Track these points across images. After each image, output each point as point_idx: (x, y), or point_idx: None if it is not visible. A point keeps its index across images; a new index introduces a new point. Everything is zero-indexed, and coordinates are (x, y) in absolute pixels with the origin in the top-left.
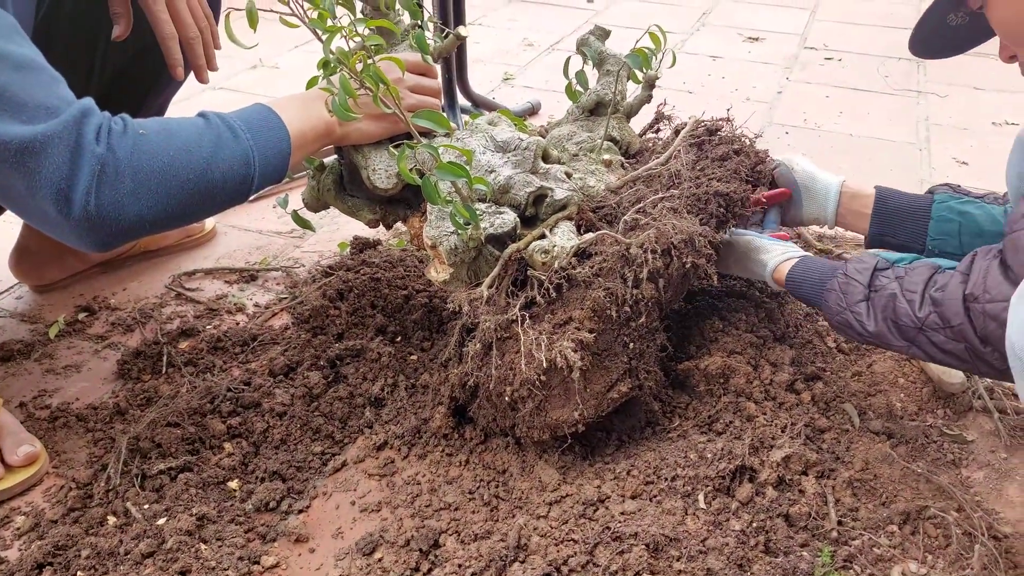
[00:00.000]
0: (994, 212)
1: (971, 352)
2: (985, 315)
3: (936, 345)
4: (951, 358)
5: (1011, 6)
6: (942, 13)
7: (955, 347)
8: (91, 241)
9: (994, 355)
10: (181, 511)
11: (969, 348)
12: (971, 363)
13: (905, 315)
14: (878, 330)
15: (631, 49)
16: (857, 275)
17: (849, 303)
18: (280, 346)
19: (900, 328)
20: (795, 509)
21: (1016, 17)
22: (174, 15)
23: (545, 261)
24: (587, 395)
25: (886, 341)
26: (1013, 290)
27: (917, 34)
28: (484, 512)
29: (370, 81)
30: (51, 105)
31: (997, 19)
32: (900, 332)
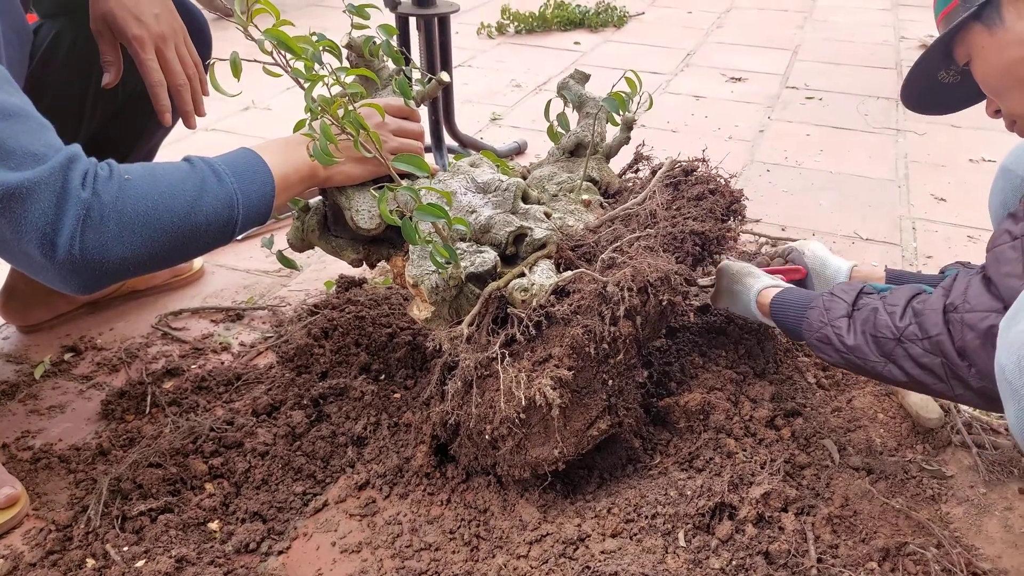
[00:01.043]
0: None
1: (947, 368)
2: (963, 324)
3: (913, 358)
4: (927, 375)
5: (989, 60)
6: (932, 70)
7: (931, 361)
8: (75, 284)
9: (970, 371)
10: (160, 553)
11: (946, 363)
12: (946, 382)
13: (885, 327)
14: (856, 344)
15: (608, 93)
16: (843, 294)
17: (830, 318)
18: (264, 385)
19: (878, 342)
20: (775, 546)
21: (995, 71)
22: (163, 63)
23: (524, 299)
24: (567, 433)
25: (863, 356)
26: (993, 302)
27: (909, 90)
28: (464, 552)
29: (351, 127)
30: (38, 152)
31: (978, 73)
32: (878, 346)
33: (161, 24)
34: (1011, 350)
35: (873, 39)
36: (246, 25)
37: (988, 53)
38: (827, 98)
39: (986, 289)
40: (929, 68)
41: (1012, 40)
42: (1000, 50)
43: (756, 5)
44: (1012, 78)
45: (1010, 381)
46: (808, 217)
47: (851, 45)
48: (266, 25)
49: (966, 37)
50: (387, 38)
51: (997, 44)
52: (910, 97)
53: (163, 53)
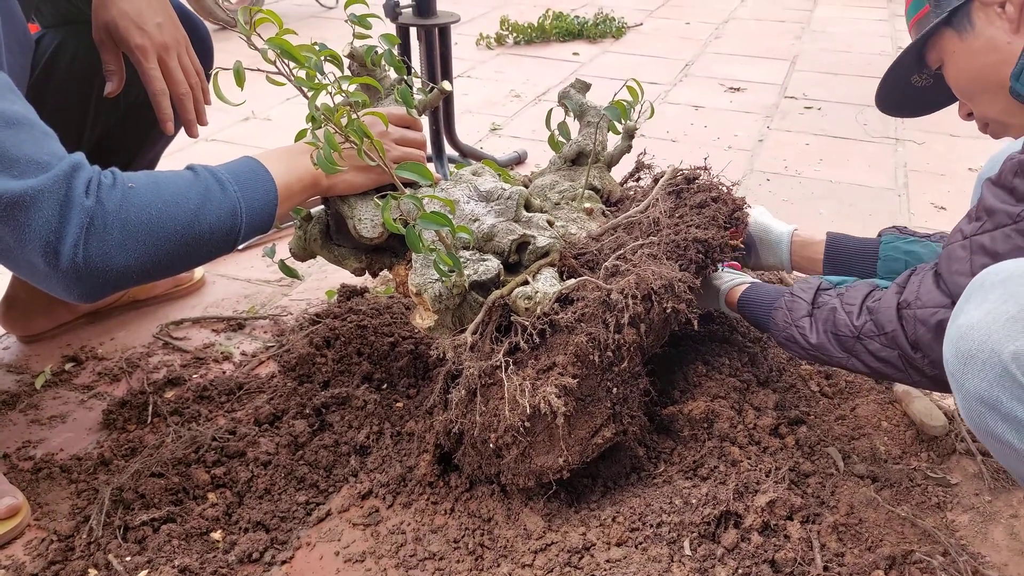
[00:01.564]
0: (939, 249)
1: (904, 359)
2: (916, 320)
3: (872, 353)
4: (887, 367)
5: (959, 64)
6: (905, 73)
7: (889, 354)
8: (78, 292)
9: (924, 361)
10: (163, 563)
11: (902, 355)
12: (905, 372)
13: (844, 325)
14: (819, 342)
15: (610, 101)
16: (802, 294)
17: (794, 319)
18: (266, 394)
19: (839, 339)
20: (781, 555)
21: (965, 75)
22: (165, 72)
23: (528, 307)
24: (572, 441)
25: (827, 353)
26: (943, 298)
27: (881, 93)
28: (469, 561)
29: (354, 135)
30: (42, 160)
31: (950, 77)
32: (839, 343)
33: (164, 33)
34: (951, 343)
35: (870, 49)
36: (249, 34)
37: (959, 58)
38: (825, 108)
39: (936, 286)
40: (902, 72)
41: (982, 46)
42: (971, 55)
43: (754, 16)
44: (983, 82)
45: (952, 373)
46: (808, 226)
47: (848, 55)
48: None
49: (938, 42)
50: (389, 47)
51: (967, 49)
52: (884, 100)
53: (165, 62)
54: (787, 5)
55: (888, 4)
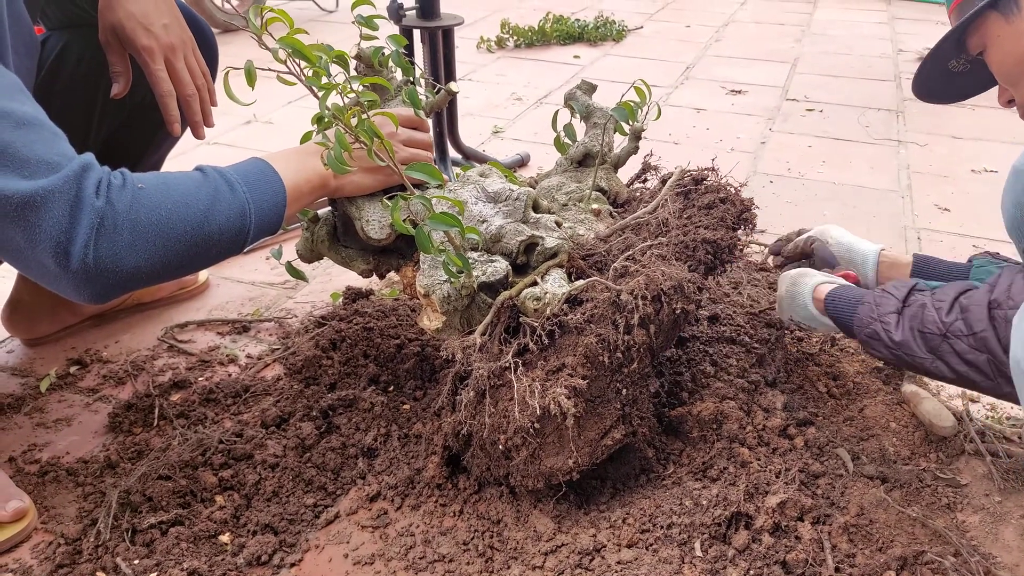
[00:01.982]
0: None
1: (993, 365)
2: (1007, 322)
3: (959, 355)
4: (974, 372)
5: (1005, 48)
6: (944, 58)
7: (977, 358)
8: (88, 293)
9: None
10: (172, 566)
11: (991, 360)
12: (993, 380)
13: (932, 322)
14: (903, 339)
15: (617, 102)
16: (894, 290)
17: (880, 314)
18: (272, 397)
19: (925, 337)
20: (792, 556)
21: (1011, 59)
22: (172, 73)
23: (537, 308)
24: (581, 442)
25: (911, 352)
26: None
27: (920, 78)
28: (479, 563)
29: (364, 135)
30: (52, 161)
31: (994, 62)
32: (925, 341)
33: (170, 34)
34: (1022, 343)
35: (871, 52)
36: (260, 33)
37: (1004, 41)
38: (827, 110)
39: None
40: (941, 57)
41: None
42: (1017, 38)
43: (753, 19)
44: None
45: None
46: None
47: (849, 58)
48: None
49: (981, 25)
50: (397, 48)
51: (1014, 32)
52: (921, 86)
53: (172, 63)
54: (786, 8)
55: (888, 7)
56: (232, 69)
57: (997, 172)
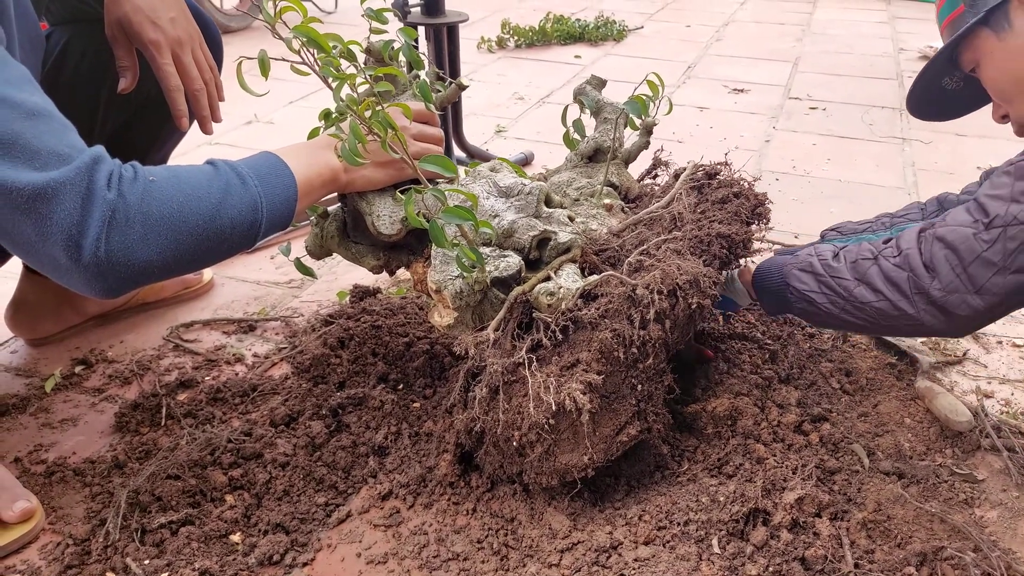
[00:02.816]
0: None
1: (912, 282)
2: (935, 238)
3: (883, 273)
4: (892, 290)
5: (998, 65)
6: (936, 76)
7: (898, 275)
8: (100, 287)
9: (934, 283)
10: (183, 566)
11: (912, 277)
12: (909, 298)
13: (867, 250)
14: (838, 266)
15: (630, 96)
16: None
17: (818, 252)
18: (281, 396)
19: (857, 265)
20: (811, 552)
21: (1004, 76)
22: (179, 67)
23: (551, 303)
24: (596, 439)
25: (838, 275)
26: (970, 219)
27: (913, 97)
28: (494, 561)
29: (379, 127)
30: (63, 152)
31: (987, 79)
32: (855, 269)
33: (177, 28)
34: None
35: (872, 51)
36: (274, 22)
37: (997, 58)
38: (830, 108)
39: (967, 211)
40: (934, 74)
41: (1021, 45)
42: (1010, 55)
43: (753, 19)
44: (1022, 84)
45: None
46: (820, 225)
47: (850, 57)
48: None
49: (973, 43)
50: (407, 41)
51: (1006, 49)
52: (915, 104)
53: (180, 57)
54: (786, 8)
55: (887, 7)
56: (245, 59)
57: None
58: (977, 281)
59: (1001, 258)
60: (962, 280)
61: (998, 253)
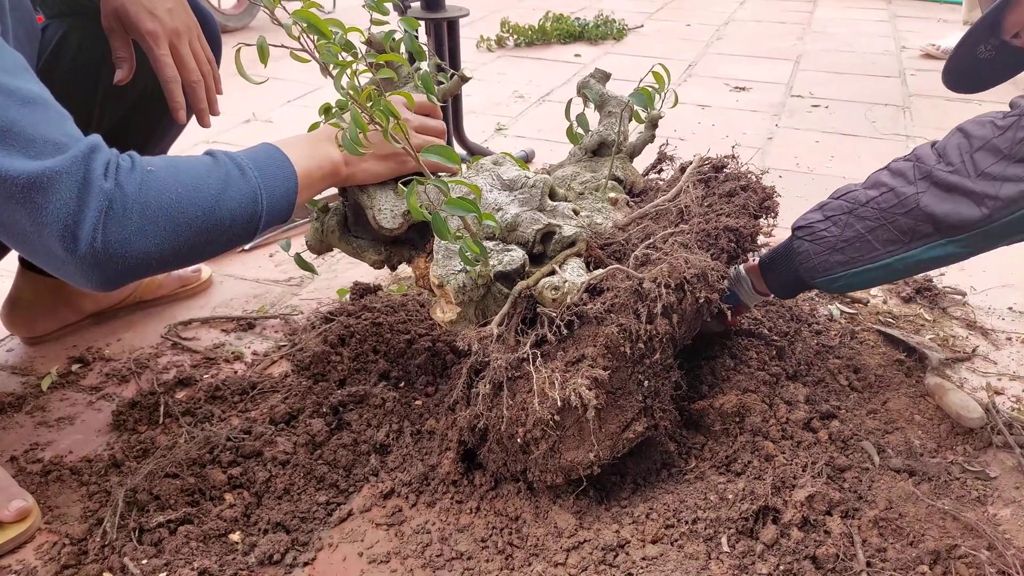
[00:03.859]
0: None
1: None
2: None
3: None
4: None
5: None
6: (976, 43)
7: (903, 165)
8: (97, 279)
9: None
10: (181, 565)
11: (916, 164)
12: (913, 183)
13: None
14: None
15: (635, 88)
16: None
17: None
18: (280, 394)
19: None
20: (822, 551)
21: None
22: (177, 59)
23: (556, 298)
24: (602, 435)
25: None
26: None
27: (954, 69)
28: (499, 560)
29: (380, 116)
30: (59, 141)
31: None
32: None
33: (175, 19)
34: None
35: (873, 49)
36: (273, 7)
37: None
38: (833, 106)
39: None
40: (974, 42)
41: None
42: None
43: (754, 17)
44: None
45: None
46: None
47: (852, 55)
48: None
49: (1020, 5)
50: (409, 31)
51: None
52: (954, 77)
53: (177, 49)
54: (787, 7)
55: (888, 5)
56: (245, 45)
57: None
58: (980, 165)
59: (1009, 145)
60: (965, 163)
61: (1007, 140)
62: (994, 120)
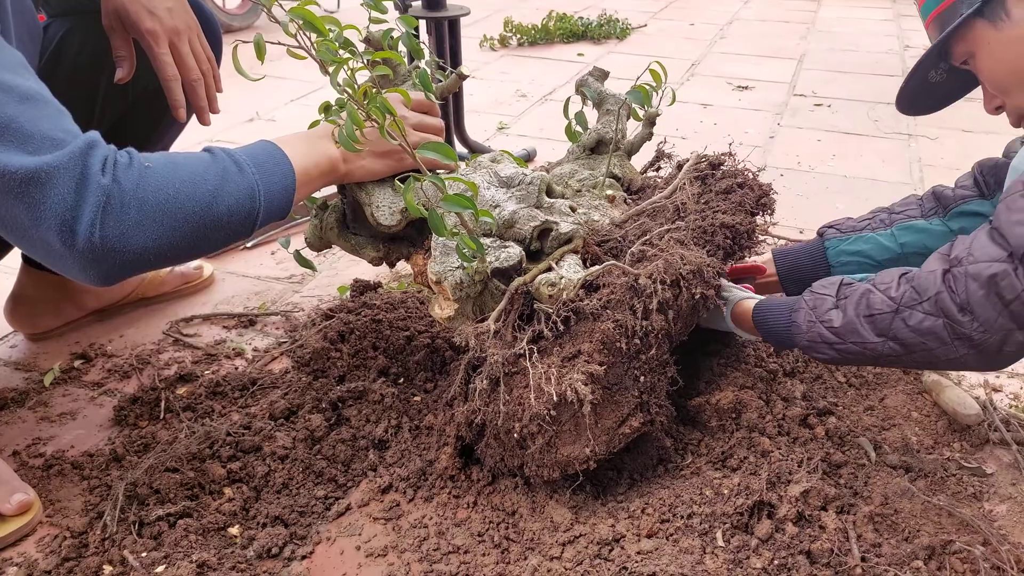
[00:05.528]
0: (881, 240)
1: (950, 327)
2: (967, 276)
3: (912, 327)
4: (930, 339)
5: (995, 56)
6: (926, 70)
7: (933, 324)
8: (94, 274)
9: (974, 325)
10: (180, 558)
11: (948, 323)
12: (949, 345)
13: (880, 303)
14: (848, 328)
15: (632, 86)
16: (823, 289)
17: (819, 315)
18: (280, 389)
19: (874, 320)
20: (817, 545)
21: (1002, 67)
22: (177, 57)
23: (552, 294)
24: (598, 430)
25: (859, 340)
26: (999, 251)
27: (905, 91)
28: (495, 555)
29: (376, 112)
30: (56, 137)
31: (983, 70)
32: (874, 325)
33: (175, 18)
34: None
35: (878, 48)
36: (271, 4)
37: (994, 49)
38: (836, 105)
39: (991, 240)
40: (924, 69)
41: (1020, 35)
42: (1007, 46)
43: (758, 17)
44: (1020, 73)
45: None
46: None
47: (856, 54)
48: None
49: (967, 34)
50: (407, 29)
51: (1004, 40)
52: (905, 102)
53: (177, 48)
54: (791, 7)
55: (893, 4)
56: (242, 42)
57: None
58: (1022, 318)
59: None
60: (1004, 319)
61: None
62: (1014, 267)
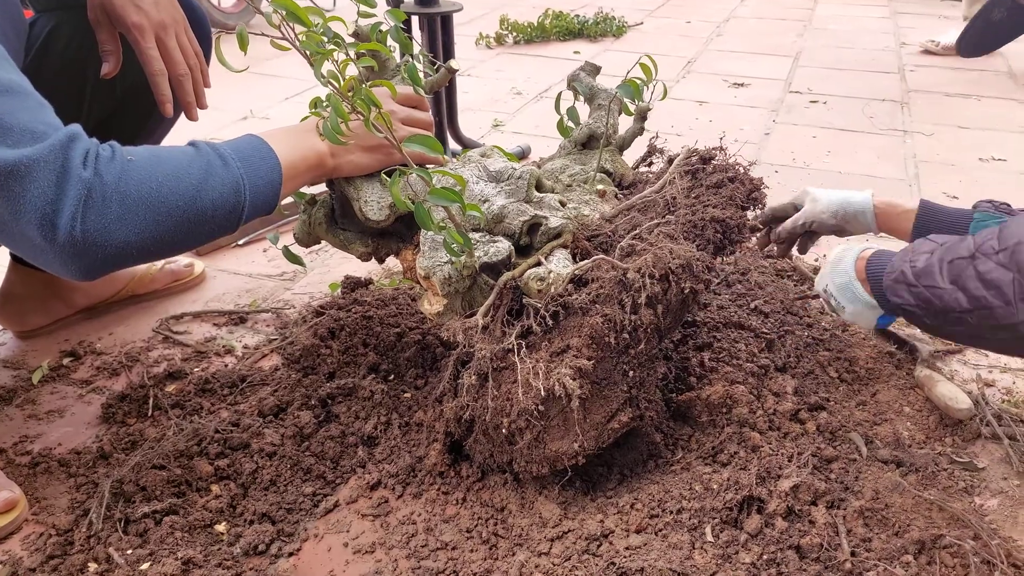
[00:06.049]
0: None
1: (1017, 285)
2: None
3: (981, 275)
4: (993, 294)
5: None
6: (991, 10)
7: (1001, 276)
8: (76, 268)
9: None
10: (166, 555)
11: (1018, 279)
12: (1012, 305)
13: (964, 248)
14: (927, 268)
15: (623, 80)
16: (937, 238)
17: (913, 255)
18: (270, 386)
19: (952, 265)
20: (806, 540)
21: None
22: (163, 52)
23: (541, 288)
24: (587, 426)
25: (931, 283)
26: None
27: (969, 33)
28: (483, 551)
29: (362, 105)
30: (37, 130)
31: None
32: (950, 271)
33: (161, 12)
34: None
35: (874, 45)
36: None
37: None
38: (831, 102)
39: None
40: (991, 8)
41: None
42: None
43: (754, 15)
44: None
45: None
46: None
47: (852, 51)
48: None
49: None
50: (396, 23)
51: None
52: (968, 40)
53: (164, 42)
54: (787, 4)
55: (890, 2)
56: (225, 33)
57: (1005, 160)
58: None
59: None
60: None
61: None
62: None
